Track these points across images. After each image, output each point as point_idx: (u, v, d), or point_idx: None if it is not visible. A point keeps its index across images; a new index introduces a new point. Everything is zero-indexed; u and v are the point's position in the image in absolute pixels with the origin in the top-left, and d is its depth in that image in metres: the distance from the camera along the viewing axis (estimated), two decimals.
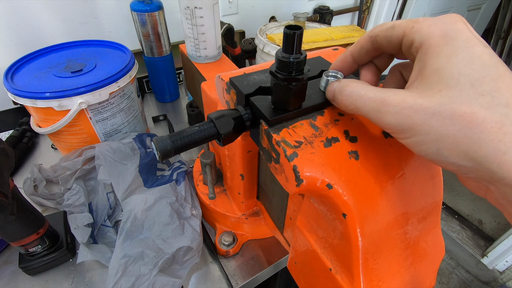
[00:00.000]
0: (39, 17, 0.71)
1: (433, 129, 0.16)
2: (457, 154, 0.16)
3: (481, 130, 0.15)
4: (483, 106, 0.15)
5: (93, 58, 0.57)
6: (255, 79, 0.29)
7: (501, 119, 0.15)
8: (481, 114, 0.15)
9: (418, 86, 0.18)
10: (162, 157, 0.22)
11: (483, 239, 1.51)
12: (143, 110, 0.66)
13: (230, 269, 0.46)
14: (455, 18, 0.18)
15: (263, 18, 1.07)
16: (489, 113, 0.15)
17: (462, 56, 0.16)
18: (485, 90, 0.15)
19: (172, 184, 0.48)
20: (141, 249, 0.41)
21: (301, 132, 0.24)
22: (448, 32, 0.17)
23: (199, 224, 0.46)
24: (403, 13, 1.50)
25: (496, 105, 0.15)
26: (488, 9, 1.92)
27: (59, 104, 0.48)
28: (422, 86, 0.18)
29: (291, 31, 0.21)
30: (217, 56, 0.60)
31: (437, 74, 0.17)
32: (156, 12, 0.67)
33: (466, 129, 0.15)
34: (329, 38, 0.75)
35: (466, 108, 0.15)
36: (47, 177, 0.53)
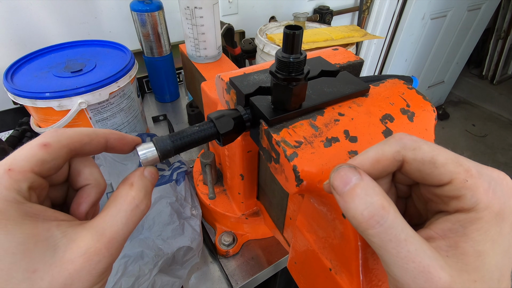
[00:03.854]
0: (39, 17, 0.71)
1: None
2: None
3: None
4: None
5: (93, 58, 0.57)
6: (255, 79, 0.29)
7: None
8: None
9: (456, 263, 0.15)
10: (162, 157, 0.22)
11: None
12: (143, 110, 0.66)
13: (230, 269, 0.46)
14: (510, 184, 0.16)
15: (263, 18, 1.07)
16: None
17: (504, 244, 0.15)
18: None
19: (172, 184, 0.48)
20: (141, 249, 0.41)
21: (301, 132, 0.24)
22: (504, 209, 0.15)
23: (199, 224, 0.46)
24: (403, 13, 1.50)
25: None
26: (488, 9, 1.92)
27: (59, 104, 0.48)
28: (459, 264, 0.15)
29: (291, 31, 0.21)
30: (217, 56, 0.60)
31: (479, 258, 0.15)
32: (156, 12, 0.67)
33: None
34: (329, 38, 0.75)
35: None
36: None
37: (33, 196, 0.16)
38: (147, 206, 0.19)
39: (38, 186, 0.17)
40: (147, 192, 0.19)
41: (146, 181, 0.20)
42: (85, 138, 0.19)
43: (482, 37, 2.15)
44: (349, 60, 0.35)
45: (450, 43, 1.94)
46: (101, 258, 0.16)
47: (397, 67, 1.77)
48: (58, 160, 0.17)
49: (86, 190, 0.20)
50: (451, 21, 1.77)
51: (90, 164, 0.20)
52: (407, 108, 0.28)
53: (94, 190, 0.20)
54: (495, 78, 2.56)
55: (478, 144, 2.14)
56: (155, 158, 0.21)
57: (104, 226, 0.16)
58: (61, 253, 0.15)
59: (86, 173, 0.20)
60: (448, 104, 2.52)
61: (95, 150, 0.20)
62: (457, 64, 2.18)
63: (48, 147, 0.17)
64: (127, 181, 0.19)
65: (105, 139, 0.20)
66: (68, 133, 0.18)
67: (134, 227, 0.18)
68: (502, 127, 2.30)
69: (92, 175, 0.20)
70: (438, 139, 0.34)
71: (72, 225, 0.16)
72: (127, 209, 0.18)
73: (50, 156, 0.17)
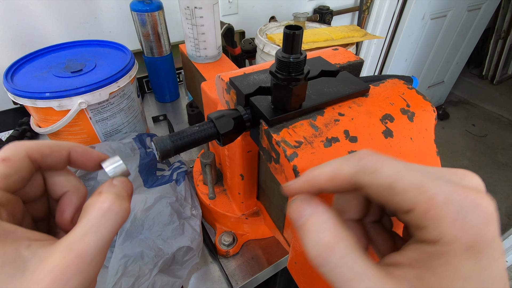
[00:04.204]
0: (39, 17, 0.71)
1: None
2: None
3: None
4: None
5: (93, 58, 0.57)
6: (255, 79, 0.29)
7: None
8: None
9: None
10: (162, 157, 0.22)
11: None
12: (143, 110, 0.66)
13: (230, 269, 0.46)
14: (488, 210, 0.13)
15: (263, 18, 1.07)
16: None
17: (482, 282, 0.13)
18: None
19: (172, 184, 0.48)
20: (141, 249, 0.40)
21: (301, 132, 0.24)
22: (479, 240, 0.13)
23: (199, 224, 0.46)
24: (403, 13, 1.50)
25: None
26: (488, 9, 1.92)
27: (59, 104, 0.48)
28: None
29: (291, 31, 0.21)
30: (217, 56, 0.60)
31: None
32: (156, 12, 0.67)
33: None
34: (329, 38, 0.75)
35: None
36: None
37: (3, 213, 0.16)
38: (121, 207, 0.17)
39: (7, 202, 0.16)
40: (119, 195, 0.18)
41: (117, 188, 0.19)
42: (46, 149, 0.18)
43: (482, 37, 2.15)
44: (349, 60, 0.35)
45: (450, 43, 1.94)
46: (71, 276, 0.14)
47: (397, 67, 1.77)
48: (21, 172, 0.17)
49: (66, 197, 0.19)
50: (451, 21, 1.77)
51: (65, 172, 0.20)
52: (407, 108, 0.28)
53: (75, 195, 0.19)
54: (495, 78, 2.56)
55: (478, 144, 2.14)
56: (125, 171, 0.20)
57: (73, 240, 0.15)
58: (29, 274, 0.14)
59: (62, 181, 0.20)
60: (448, 104, 2.52)
61: (58, 163, 0.19)
62: (457, 64, 2.18)
63: (7, 161, 0.17)
64: (95, 191, 0.18)
65: (67, 152, 0.19)
66: (27, 144, 0.18)
67: (111, 234, 0.16)
68: (502, 127, 2.30)
69: (69, 181, 0.20)
70: (438, 139, 0.34)
71: (44, 245, 0.15)
72: (96, 215, 0.17)
73: (11, 169, 0.17)
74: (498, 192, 1.78)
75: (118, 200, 0.18)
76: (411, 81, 0.34)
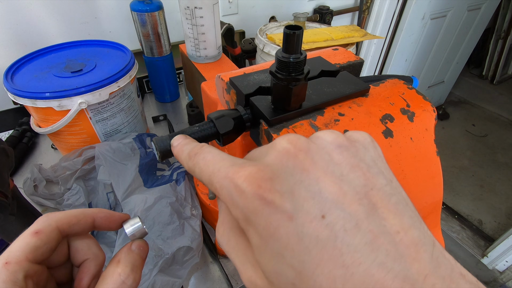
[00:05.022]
0: (39, 17, 0.71)
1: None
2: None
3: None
4: None
5: (93, 58, 0.57)
6: (255, 79, 0.29)
7: None
8: None
9: None
10: (162, 157, 0.22)
11: (483, 239, 1.51)
12: (143, 110, 0.66)
13: (230, 269, 0.46)
14: (241, 188, 0.14)
15: (263, 18, 1.07)
16: None
17: (268, 250, 0.14)
18: None
19: (172, 184, 0.48)
20: None
21: (301, 132, 0.24)
22: (247, 215, 0.14)
23: (199, 224, 0.46)
24: (403, 13, 1.50)
25: None
26: (488, 9, 1.92)
27: (59, 104, 0.48)
28: None
29: (291, 31, 0.21)
30: (217, 56, 0.60)
31: None
32: (156, 12, 0.67)
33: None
34: (329, 38, 0.75)
35: None
36: (47, 177, 0.53)
37: (29, 284, 0.17)
38: (134, 280, 0.19)
39: (34, 273, 0.18)
40: (134, 266, 0.20)
41: (134, 255, 0.20)
42: (73, 219, 0.20)
43: (482, 37, 2.15)
44: (349, 60, 0.35)
45: (450, 43, 1.94)
46: None
47: (397, 67, 1.77)
48: (50, 243, 0.19)
49: (85, 265, 0.21)
50: (451, 21, 1.77)
51: (87, 238, 0.21)
52: (407, 108, 0.28)
53: (93, 263, 0.21)
54: (495, 78, 2.56)
55: (478, 144, 2.14)
56: (143, 232, 0.22)
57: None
58: None
59: (84, 249, 0.21)
60: (448, 104, 2.52)
61: (84, 230, 0.21)
62: (457, 64, 2.18)
63: (40, 233, 0.18)
64: (115, 259, 0.20)
65: (92, 219, 0.21)
66: (57, 216, 0.20)
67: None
68: (502, 127, 2.30)
69: (90, 249, 0.21)
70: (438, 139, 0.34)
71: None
72: (113, 286, 0.18)
73: (42, 241, 0.18)
74: (498, 192, 1.78)
75: (133, 273, 0.19)
76: (411, 81, 0.34)
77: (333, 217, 0.12)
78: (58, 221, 0.19)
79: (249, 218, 0.13)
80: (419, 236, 0.13)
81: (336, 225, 0.12)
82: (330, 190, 0.13)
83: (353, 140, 0.16)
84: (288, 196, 0.13)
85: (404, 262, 0.12)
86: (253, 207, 0.13)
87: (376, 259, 0.11)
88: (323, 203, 0.13)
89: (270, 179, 0.13)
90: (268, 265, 0.13)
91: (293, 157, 0.14)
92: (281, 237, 0.12)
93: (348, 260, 0.11)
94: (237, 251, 0.16)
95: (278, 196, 0.13)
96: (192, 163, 0.17)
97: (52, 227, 0.19)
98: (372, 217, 0.12)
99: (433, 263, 0.12)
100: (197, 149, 0.17)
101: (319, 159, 0.14)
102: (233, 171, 0.14)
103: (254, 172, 0.13)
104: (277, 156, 0.14)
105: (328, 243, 0.12)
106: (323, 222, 0.12)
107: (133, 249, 0.21)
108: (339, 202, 0.13)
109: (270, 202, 0.13)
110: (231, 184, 0.14)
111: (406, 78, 0.34)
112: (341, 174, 0.14)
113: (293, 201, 0.13)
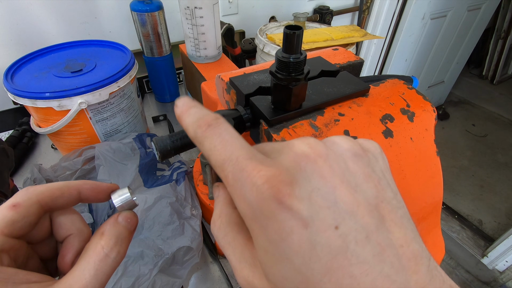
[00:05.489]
0: (39, 17, 0.71)
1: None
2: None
3: None
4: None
5: (93, 58, 0.57)
6: (255, 79, 0.29)
7: None
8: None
9: None
10: (162, 157, 0.22)
11: (483, 239, 1.51)
12: (143, 110, 0.66)
13: (230, 269, 0.46)
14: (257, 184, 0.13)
15: (263, 18, 1.07)
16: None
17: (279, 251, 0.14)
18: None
19: (172, 184, 0.48)
20: (141, 249, 0.41)
21: (301, 132, 0.24)
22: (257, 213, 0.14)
23: (199, 224, 0.46)
24: (403, 13, 1.50)
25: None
26: (488, 9, 1.92)
27: (59, 104, 0.48)
28: None
29: (291, 31, 0.21)
30: (217, 56, 0.60)
31: None
32: (156, 12, 0.67)
33: None
34: (329, 38, 0.75)
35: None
36: (47, 177, 0.53)
37: (5, 258, 0.16)
38: (118, 253, 0.18)
39: (10, 248, 0.17)
40: (118, 239, 0.18)
41: (120, 227, 0.19)
42: (56, 192, 0.19)
43: (482, 37, 2.15)
44: (349, 60, 0.35)
45: (450, 43, 1.94)
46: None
47: (397, 67, 1.77)
48: (29, 217, 0.17)
49: (69, 241, 0.20)
50: (451, 21, 1.77)
51: (70, 213, 0.20)
52: (407, 108, 0.28)
53: (77, 239, 0.20)
54: (495, 78, 2.56)
55: (478, 144, 2.14)
56: (132, 204, 0.21)
57: (71, 282, 0.16)
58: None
59: (67, 224, 0.20)
60: (448, 104, 2.52)
61: (69, 202, 0.20)
62: (457, 64, 2.18)
63: (18, 207, 0.17)
64: (99, 231, 0.19)
65: (77, 191, 0.20)
66: (39, 189, 0.18)
67: (107, 278, 0.17)
68: (502, 127, 2.30)
69: (74, 224, 0.20)
70: (438, 139, 0.34)
71: (42, 286, 0.16)
72: (95, 260, 0.17)
73: (19, 215, 0.17)
74: (498, 192, 1.78)
75: (116, 246, 0.18)
76: (411, 81, 0.34)
77: (346, 228, 0.12)
78: (39, 195, 0.18)
79: (259, 219, 0.13)
80: (418, 250, 0.13)
81: (349, 236, 0.12)
82: (345, 200, 0.13)
83: (366, 150, 0.16)
84: (305, 203, 0.13)
85: (405, 274, 0.12)
86: (268, 210, 0.13)
87: (382, 270, 0.12)
88: (337, 213, 0.13)
89: (290, 183, 0.13)
90: (273, 268, 0.13)
91: (312, 162, 0.14)
92: (293, 243, 0.12)
93: (357, 271, 0.12)
94: (233, 248, 0.16)
95: (296, 202, 0.13)
96: (203, 134, 0.15)
97: (32, 201, 0.18)
98: (381, 230, 0.13)
99: (429, 275, 0.13)
100: (211, 119, 0.15)
101: (336, 167, 0.14)
102: (252, 166, 0.13)
103: (276, 175, 0.13)
104: (295, 159, 0.14)
105: (339, 253, 0.12)
106: (336, 232, 0.12)
107: (119, 221, 0.19)
108: (353, 213, 0.13)
109: (287, 207, 0.13)
110: (248, 180, 0.13)
111: (406, 78, 0.34)
112: (356, 184, 0.14)
113: (309, 209, 0.13)
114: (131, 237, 0.20)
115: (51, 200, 0.19)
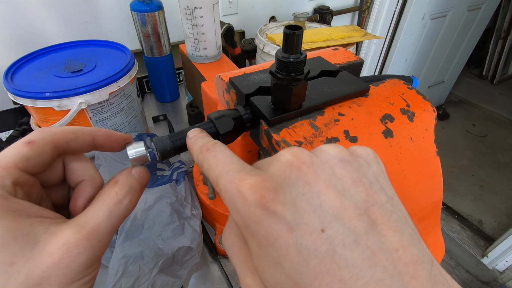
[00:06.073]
0: (39, 17, 0.71)
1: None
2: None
3: None
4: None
5: (93, 58, 0.57)
6: (255, 79, 0.29)
7: None
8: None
9: None
10: (162, 157, 0.22)
11: (483, 239, 1.51)
12: (143, 110, 0.66)
13: (230, 269, 0.46)
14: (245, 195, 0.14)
15: (263, 18, 1.07)
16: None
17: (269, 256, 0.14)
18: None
19: (172, 184, 0.48)
20: (141, 249, 0.41)
21: (301, 132, 0.24)
22: (247, 223, 0.14)
23: (199, 224, 0.46)
24: (403, 13, 1.50)
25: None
26: (488, 9, 1.92)
27: (59, 104, 0.48)
28: None
29: (291, 31, 0.21)
30: (217, 56, 0.60)
31: None
32: (156, 12, 0.67)
33: None
34: (329, 38, 0.75)
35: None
36: None
37: (19, 192, 0.16)
38: (130, 201, 0.18)
39: (25, 183, 0.17)
40: (131, 188, 0.19)
41: (132, 179, 0.19)
42: (70, 135, 0.19)
43: (482, 37, 2.15)
44: (349, 60, 0.35)
45: (450, 43, 1.94)
46: (81, 250, 0.15)
47: (397, 67, 1.77)
48: (44, 156, 0.18)
49: (81, 186, 0.20)
50: (451, 21, 1.77)
51: (83, 160, 0.20)
52: (407, 108, 0.28)
53: (89, 185, 0.20)
54: (495, 78, 2.56)
55: (478, 144, 2.14)
56: (145, 159, 0.21)
57: (86, 219, 0.16)
58: (40, 247, 0.15)
59: (80, 169, 0.20)
60: (448, 104, 2.52)
61: (82, 148, 0.20)
62: (457, 64, 2.18)
63: (33, 144, 0.17)
64: (112, 179, 0.19)
65: (92, 136, 0.20)
66: (53, 130, 0.18)
67: (118, 222, 0.18)
68: (502, 127, 2.30)
69: (86, 170, 0.20)
70: (438, 139, 0.34)
71: (55, 222, 0.16)
72: (109, 203, 0.18)
73: (34, 152, 0.17)
74: (498, 192, 1.78)
75: (129, 195, 0.19)
76: (411, 81, 0.34)
77: (332, 231, 0.12)
78: (53, 135, 0.18)
79: (249, 226, 0.14)
80: (417, 254, 0.13)
81: (335, 240, 0.12)
82: (330, 204, 0.13)
83: (357, 155, 0.16)
84: (289, 208, 0.13)
85: (402, 280, 0.12)
86: (254, 216, 0.13)
87: (373, 275, 0.12)
88: (323, 216, 0.13)
89: (274, 189, 0.13)
90: (266, 273, 0.13)
91: (296, 169, 0.14)
92: (280, 247, 0.13)
93: (346, 275, 0.12)
94: (239, 257, 0.16)
95: (280, 207, 0.13)
96: (203, 157, 0.17)
97: (46, 140, 0.18)
98: (372, 233, 0.13)
99: (431, 281, 0.12)
100: (210, 144, 0.18)
101: (321, 173, 0.14)
102: (239, 177, 0.14)
103: (259, 182, 0.14)
104: (281, 167, 0.14)
105: (326, 256, 0.12)
106: (322, 235, 0.12)
107: (133, 173, 0.20)
108: (339, 216, 0.13)
109: (271, 212, 0.13)
110: (235, 190, 0.14)
111: (406, 78, 0.34)
112: (343, 188, 0.14)
113: (294, 213, 0.13)
114: (142, 192, 0.20)
115: (65, 142, 0.19)
